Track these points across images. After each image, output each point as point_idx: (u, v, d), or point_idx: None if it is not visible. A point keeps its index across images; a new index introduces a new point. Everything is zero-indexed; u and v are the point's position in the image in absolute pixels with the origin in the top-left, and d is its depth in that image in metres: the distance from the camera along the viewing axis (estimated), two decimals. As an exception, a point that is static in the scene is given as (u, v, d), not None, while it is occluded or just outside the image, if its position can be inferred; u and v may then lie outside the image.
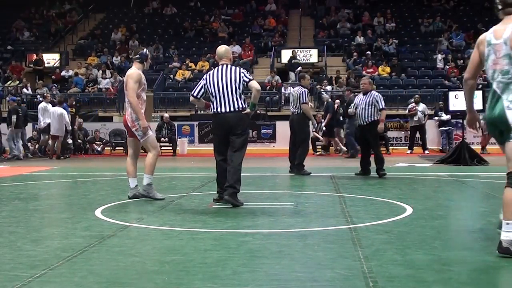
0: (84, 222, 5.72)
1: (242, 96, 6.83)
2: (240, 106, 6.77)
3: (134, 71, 7.27)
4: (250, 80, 6.84)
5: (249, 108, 6.90)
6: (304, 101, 10.73)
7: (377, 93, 10.46)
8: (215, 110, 6.85)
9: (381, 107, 10.21)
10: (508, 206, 4.21)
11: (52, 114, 16.51)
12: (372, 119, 10.15)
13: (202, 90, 6.94)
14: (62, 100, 17.48)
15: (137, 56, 7.42)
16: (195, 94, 7.00)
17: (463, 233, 5.43)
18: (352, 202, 7.06)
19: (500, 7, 4.46)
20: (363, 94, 10.41)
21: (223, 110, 6.77)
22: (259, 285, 3.54)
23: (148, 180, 7.27)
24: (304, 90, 10.84)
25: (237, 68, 6.97)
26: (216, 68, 6.98)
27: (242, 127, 6.79)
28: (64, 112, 16.72)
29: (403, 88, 21.48)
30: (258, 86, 6.87)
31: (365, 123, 10.24)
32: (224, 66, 6.90)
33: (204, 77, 6.99)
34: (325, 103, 17.56)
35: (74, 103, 18.87)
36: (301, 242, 4.76)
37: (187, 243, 4.77)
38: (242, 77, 6.80)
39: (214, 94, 6.82)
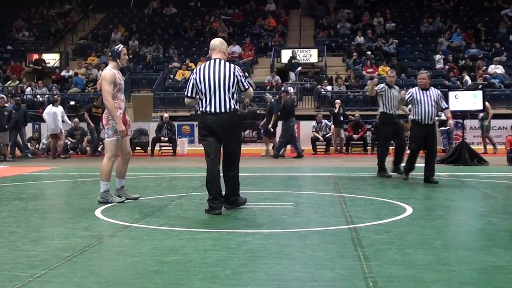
0: (84, 222, 5.72)
1: (235, 96, 6.24)
2: (232, 107, 6.17)
3: (108, 72, 6.91)
4: (245, 89, 6.30)
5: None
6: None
7: (438, 91, 9.49)
8: (203, 108, 6.19)
9: (445, 106, 9.47)
10: None
11: (50, 114, 16.63)
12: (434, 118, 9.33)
13: (195, 88, 6.28)
14: (56, 100, 17.64)
15: (109, 53, 7.13)
16: (189, 94, 6.35)
17: (463, 233, 5.43)
18: (352, 202, 7.05)
19: None
20: (423, 90, 9.28)
21: (212, 109, 6.12)
22: (259, 285, 3.54)
23: (105, 187, 6.98)
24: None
25: (232, 65, 6.33)
26: (208, 62, 6.31)
27: (233, 129, 6.25)
28: (58, 111, 16.82)
29: (403, 88, 21.44)
30: (251, 95, 6.69)
31: (430, 122, 9.25)
32: (217, 60, 6.23)
33: (194, 71, 6.40)
34: (268, 103, 17.45)
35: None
36: (301, 242, 4.75)
37: (187, 243, 4.76)
38: (238, 77, 6.20)
39: (203, 91, 6.16)
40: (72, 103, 21.10)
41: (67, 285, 3.58)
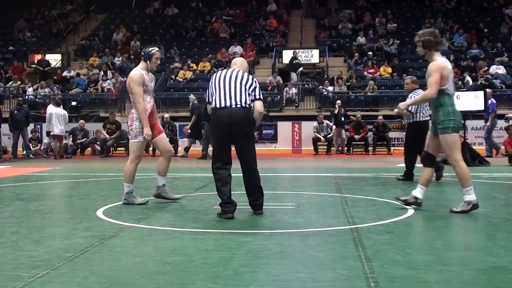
0: (85, 223, 5.72)
1: (251, 97, 5.93)
2: (248, 104, 5.86)
3: (136, 73, 6.77)
4: (259, 98, 5.97)
5: None
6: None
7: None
8: (215, 105, 5.86)
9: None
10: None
11: (55, 115, 16.75)
12: (419, 119, 9.60)
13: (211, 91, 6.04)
14: (59, 101, 17.93)
15: (142, 53, 6.96)
16: (210, 100, 6.03)
17: (464, 234, 5.43)
18: (353, 202, 7.05)
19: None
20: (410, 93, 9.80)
21: (227, 104, 5.81)
22: (261, 286, 3.54)
23: (128, 189, 6.91)
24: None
25: (251, 76, 6.17)
26: (225, 69, 6.19)
27: (246, 126, 5.86)
28: (66, 113, 17.21)
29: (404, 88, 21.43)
30: (262, 109, 6.00)
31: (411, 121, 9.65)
32: (236, 69, 6.08)
33: (211, 77, 6.16)
34: (191, 104, 17.47)
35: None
36: (302, 243, 4.76)
37: (188, 244, 4.77)
38: (255, 85, 5.97)
39: (217, 89, 5.90)
40: (73, 103, 21.13)
41: (68, 285, 3.58)
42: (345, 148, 18.57)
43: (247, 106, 5.86)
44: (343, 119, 18.32)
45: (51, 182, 10.45)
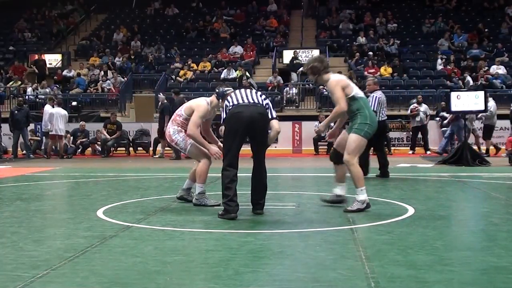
0: (86, 223, 5.72)
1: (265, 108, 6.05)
2: (265, 105, 6.06)
3: (204, 105, 6.74)
4: (273, 118, 6.08)
5: None
6: None
7: (380, 97, 10.26)
8: (234, 102, 5.96)
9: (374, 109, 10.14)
10: None
11: (56, 115, 16.81)
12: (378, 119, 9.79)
13: (227, 108, 6.06)
14: (61, 101, 18.03)
15: (216, 90, 6.79)
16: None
17: (464, 234, 5.43)
18: (353, 202, 7.04)
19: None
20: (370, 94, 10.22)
21: (246, 100, 5.94)
22: (261, 286, 3.54)
23: (200, 189, 6.85)
24: None
25: (264, 96, 6.26)
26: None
27: (265, 123, 5.99)
28: (66, 112, 17.33)
29: (405, 88, 21.47)
30: (279, 128, 6.15)
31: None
32: (249, 89, 6.34)
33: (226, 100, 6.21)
34: (160, 103, 17.45)
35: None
36: (303, 243, 4.76)
37: (189, 244, 4.77)
38: (269, 106, 6.08)
39: (235, 101, 5.99)
40: (74, 103, 21.14)
41: (69, 285, 3.58)
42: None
43: (263, 105, 6.00)
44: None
45: (52, 182, 10.46)
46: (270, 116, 6.04)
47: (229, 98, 6.13)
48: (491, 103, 16.23)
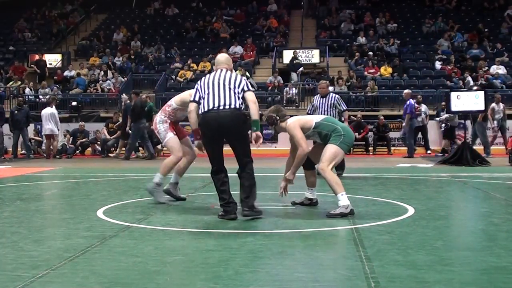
0: (86, 223, 5.72)
1: (241, 99, 5.84)
2: (238, 105, 5.77)
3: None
4: (248, 89, 5.88)
5: (252, 128, 5.85)
6: None
7: (337, 96, 10.67)
8: (204, 108, 5.79)
9: (343, 108, 10.56)
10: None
11: (45, 115, 16.79)
12: None
13: (198, 93, 5.96)
14: (51, 101, 17.90)
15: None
16: (196, 99, 5.96)
17: (465, 234, 5.43)
18: (353, 202, 7.01)
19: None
20: (322, 97, 10.53)
21: (215, 106, 5.73)
22: (261, 286, 3.54)
23: (158, 179, 7.10)
24: None
25: (239, 75, 6.07)
26: (213, 72, 6.09)
27: (243, 130, 5.82)
28: (55, 111, 17.15)
29: (405, 88, 21.43)
30: (254, 98, 5.86)
31: None
32: (224, 70, 6.00)
33: (198, 82, 6.10)
34: (123, 104, 17.45)
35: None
36: (303, 243, 4.76)
37: (189, 244, 4.77)
38: (243, 83, 5.89)
39: (206, 92, 5.84)
40: (74, 103, 21.13)
41: (69, 285, 3.58)
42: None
43: (236, 107, 5.76)
44: (343, 119, 18.30)
45: (52, 182, 10.46)
46: (246, 89, 5.87)
47: (198, 87, 5.97)
48: (424, 107, 16.84)
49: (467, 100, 13.28)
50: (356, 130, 18.36)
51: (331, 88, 21.18)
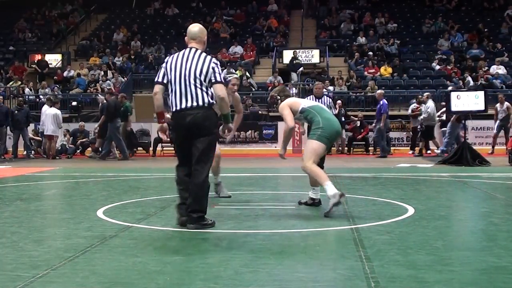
0: (86, 223, 5.72)
1: (210, 90, 5.35)
2: (206, 101, 5.30)
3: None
4: (216, 81, 5.32)
5: (223, 121, 5.54)
6: None
7: (330, 99, 10.56)
8: (174, 107, 5.42)
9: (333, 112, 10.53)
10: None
11: (46, 115, 16.76)
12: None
13: (166, 76, 5.48)
14: (55, 101, 17.93)
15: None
16: (159, 80, 5.49)
17: (465, 234, 5.43)
18: (353, 202, 7.05)
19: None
20: (317, 98, 10.32)
21: (183, 105, 5.33)
22: (261, 286, 3.54)
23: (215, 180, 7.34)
24: None
25: (209, 57, 5.47)
26: (183, 50, 5.57)
27: (208, 128, 5.30)
28: (58, 112, 17.19)
29: (405, 88, 21.47)
30: (222, 93, 5.31)
31: None
32: (193, 50, 5.49)
33: (166, 60, 5.60)
34: (100, 104, 17.48)
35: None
36: (302, 243, 4.76)
37: (188, 244, 4.77)
38: (212, 71, 5.33)
39: (173, 83, 5.38)
40: (74, 103, 21.11)
41: (69, 285, 3.58)
42: (345, 148, 18.56)
43: (205, 105, 5.32)
44: (343, 119, 18.31)
45: (52, 182, 10.46)
46: (214, 80, 5.33)
47: (164, 69, 5.51)
48: (430, 104, 16.55)
49: (467, 100, 13.28)
50: (356, 130, 18.39)
51: (331, 88, 21.33)
